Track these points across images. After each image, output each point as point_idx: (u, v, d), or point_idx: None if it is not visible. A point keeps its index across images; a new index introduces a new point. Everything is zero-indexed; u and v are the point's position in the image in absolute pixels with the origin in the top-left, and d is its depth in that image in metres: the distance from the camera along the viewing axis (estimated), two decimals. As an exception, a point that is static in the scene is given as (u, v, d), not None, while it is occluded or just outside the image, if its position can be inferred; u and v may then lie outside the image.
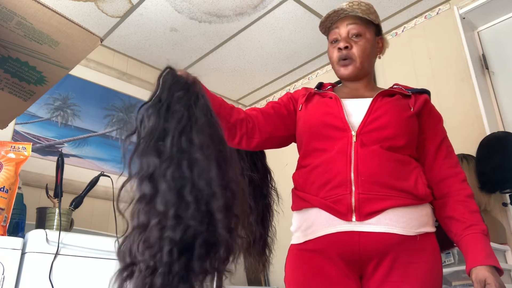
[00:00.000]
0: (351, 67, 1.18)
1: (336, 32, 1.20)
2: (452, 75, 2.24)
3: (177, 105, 0.83)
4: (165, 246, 0.69)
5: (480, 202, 1.79)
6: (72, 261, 1.36)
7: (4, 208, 1.26)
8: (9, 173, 1.29)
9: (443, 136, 1.21)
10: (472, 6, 2.19)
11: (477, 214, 1.08)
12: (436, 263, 1.06)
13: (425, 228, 1.05)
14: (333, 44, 1.22)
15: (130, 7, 2.35)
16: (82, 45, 1.27)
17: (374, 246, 1.02)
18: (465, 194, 1.10)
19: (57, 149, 2.33)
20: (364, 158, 1.07)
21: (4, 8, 1.12)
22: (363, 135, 1.09)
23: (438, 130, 1.21)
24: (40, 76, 1.35)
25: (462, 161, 1.87)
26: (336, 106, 1.15)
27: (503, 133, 1.91)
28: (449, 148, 1.19)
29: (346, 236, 1.03)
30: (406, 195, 1.05)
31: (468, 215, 1.06)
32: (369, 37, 1.20)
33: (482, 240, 1.03)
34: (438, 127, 1.22)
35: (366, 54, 1.19)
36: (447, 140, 1.22)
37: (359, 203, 1.02)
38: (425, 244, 1.05)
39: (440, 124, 1.23)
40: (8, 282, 1.23)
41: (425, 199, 1.08)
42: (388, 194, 1.04)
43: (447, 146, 1.20)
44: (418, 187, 1.06)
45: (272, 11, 2.40)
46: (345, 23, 1.19)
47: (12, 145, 1.34)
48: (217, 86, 3.23)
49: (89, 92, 2.58)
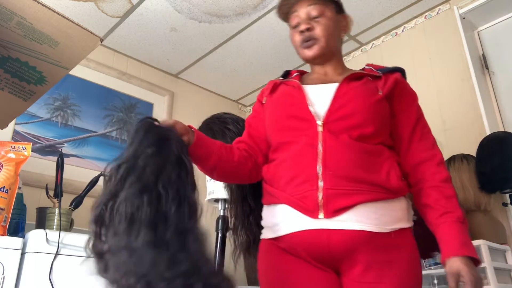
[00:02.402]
0: (316, 47, 1.14)
1: (296, 15, 1.16)
2: (452, 75, 2.24)
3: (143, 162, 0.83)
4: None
5: (480, 202, 1.79)
6: (72, 261, 1.36)
7: (4, 208, 1.26)
8: (9, 173, 1.29)
9: (417, 117, 1.11)
10: (472, 6, 2.19)
11: (452, 200, 1.01)
12: (413, 260, 1.00)
13: (400, 223, 1.00)
14: (295, 29, 1.17)
15: (130, 7, 2.35)
16: (82, 45, 1.27)
17: (344, 244, 0.96)
18: (439, 179, 1.03)
19: (57, 149, 2.33)
20: (332, 151, 1.01)
21: (4, 8, 1.12)
22: (330, 125, 1.02)
23: (412, 111, 1.12)
24: (40, 76, 1.35)
25: (462, 161, 1.87)
26: (298, 95, 1.09)
27: (503, 133, 1.91)
28: (424, 129, 1.11)
29: (314, 234, 0.97)
30: (378, 189, 0.98)
31: (443, 202, 1.00)
32: (330, 15, 1.15)
33: (457, 228, 0.97)
34: (411, 108, 1.12)
35: (330, 33, 1.14)
36: (422, 121, 1.12)
37: (326, 199, 0.96)
38: (401, 241, 0.99)
39: (414, 105, 1.13)
40: (8, 282, 1.23)
41: (399, 192, 1.01)
42: (357, 189, 0.97)
43: (422, 127, 1.11)
44: (390, 180, 1.00)
45: (272, 11, 2.39)
46: (304, 5, 1.15)
47: (12, 145, 1.34)
48: (217, 86, 3.23)
49: (89, 92, 2.58)
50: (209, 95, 3.30)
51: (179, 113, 3.02)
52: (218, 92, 3.34)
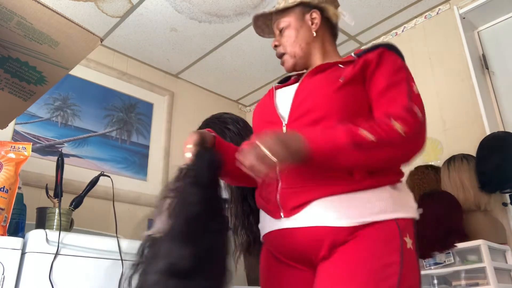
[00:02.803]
0: (286, 61, 1.16)
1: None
2: (452, 75, 2.24)
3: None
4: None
5: (480, 202, 1.80)
6: (72, 261, 1.35)
7: (4, 208, 1.26)
8: (9, 173, 1.29)
9: (388, 83, 0.97)
10: (472, 6, 2.19)
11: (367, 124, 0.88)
12: (377, 251, 0.88)
13: (371, 217, 0.90)
14: None
15: (130, 7, 2.35)
16: (82, 45, 1.27)
17: (308, 242, 0.94)
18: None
19: (57, 149, 2.33)
20: None
21: (4, 8, 1.12)
22: (292, 124, 1.00)
23: (381, 78, 0.99)
24: (40, 76, 1.35)
25: (462, 161, 1.87)
26: (269, 99, 1.11)
27: (503, 133, 1.91)
28: (398, 96, 0.95)
29: (279, 234, 0.97)
30: (339, 182, 0.92)
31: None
32: (293, 23, 1.15)
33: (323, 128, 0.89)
34: (383, 76, 0.99)
35: (292, 42, 1.14)
36: (399, 88, 0.97)
37: (283, 199, 0.96)
38: (370, 231, 0.89)
39: (387, 72, 0.99)
40: (8, 282, 1.23)
41: (363, 181, 0.92)
42: (314, 184, 0.93)
43: (395, 94, 0.96)
44: (353, 171, 0.92)
45: (272, 11, 2.40)
46: (274, 22, 1.19)
47: (12, 145, 1.34)
48: (217, 86, 3.23)
49: (89, 92, 2.58)
50: (209, 95, 3.30)
51: (179, 113, 3.02)
52: (218, 92, 3.34)
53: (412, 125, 0.89)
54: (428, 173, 1.96)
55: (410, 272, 0.89)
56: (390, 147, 0.89)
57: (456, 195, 1.80)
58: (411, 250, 0.91)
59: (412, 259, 0.91)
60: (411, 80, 0.99)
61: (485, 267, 1.55)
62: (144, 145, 2.75)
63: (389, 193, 0.93)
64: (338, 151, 0.86)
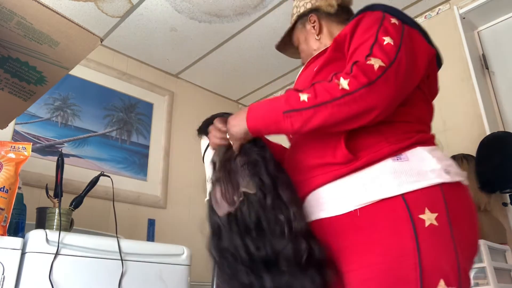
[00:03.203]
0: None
1: None
2: (452, 75, 2.24)
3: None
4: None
5: (480, 202, 1.80)
6: (72, 261, 1.36)
7: (4, 208, 1.26)
8: (9, 173, 1.29)
9: (356, 46, 0.88)
10: (472, 6, 2.19)
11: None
12: (390, 240, 0.77)
13: (371, 196, 0.80)
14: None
15: (130, 7, 2.35)
16: (82, 45, 1.27)
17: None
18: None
19: (57, 149, 2.33)
20: (291, 149, 1.01)
21: (4, 8, 1.12)
22: None
23: (350, 53, 0.89)
24: (40, 76, 1.35)
25: (462, 161, 1.87)
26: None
27: (503, 133, 1.91)
28: (354, 56, 0.86)
29: None
30: (327, 169, 0.87)
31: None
32: (300, 37, 1.24)
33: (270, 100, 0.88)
34: (352, 48, 0.89)
35: (308, 53, 1.20)
36: (360, 48, 0.86)
37: None
38: (372, 215, 0.80)
39: (357, 41, 0.89)
40: (8, 282, 1.23)
41: (348, 161, 0.84)
42: (305, 179, 0.91)
43: (355, 55, 0.86)
44: (336, 153, 0.86)
45: (272, 11, 2.40)
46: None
47: (12, 145, 1.34)
48: (217, 86, 3.23)
49: (89, 92, 2.58)
50: (209, 95, 3.30)
51: (179, 113, 3.02)
52: (218, 92, 3.34)
53: (359, 79, 0.78)
54: (428, 173, 1.96)
55: (437, 253, 0.75)
56: (328, 106, 0.79)
57: (456, 195, 1.80)
58: (433, 226, 0.76)
59: (437, 237, 0.76)
60: (382, 33, 0.86)
61: (485, 267, 1.55)
62: (144, 145, 2.75)
63: (389, 167, 0.82)
64: (276, 119, 0.84)
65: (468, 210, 0.84)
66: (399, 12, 0.94)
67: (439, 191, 0.79)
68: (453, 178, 0.82)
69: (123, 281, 1.43)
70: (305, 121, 0.80)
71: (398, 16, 0.93)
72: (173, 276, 1.57)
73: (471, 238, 0.83)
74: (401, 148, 0.83)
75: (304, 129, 0.81)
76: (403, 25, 0.90)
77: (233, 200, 0.87)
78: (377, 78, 0.78)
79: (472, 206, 0.86)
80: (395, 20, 0.90)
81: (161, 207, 2.68)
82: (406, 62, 0.83)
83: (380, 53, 0.81)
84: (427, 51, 0.92)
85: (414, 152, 0.84)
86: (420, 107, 0.92)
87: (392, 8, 0.95)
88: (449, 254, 0.76)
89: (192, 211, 2.81)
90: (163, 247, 1.63)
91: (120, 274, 1.43)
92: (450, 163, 0.85)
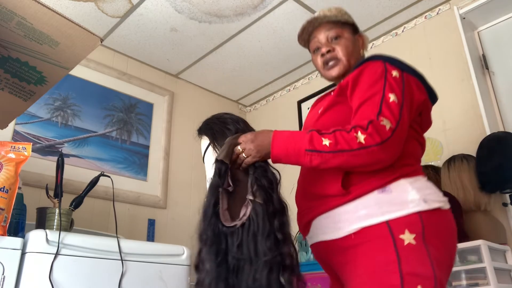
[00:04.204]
0: (338, 67, 1.20)
1: (316, 41, 1.24)
2: (452, 75, 2.24)
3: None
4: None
5: (480, 202, 1.80)
6: (72, 261, 1.36)
7: (4, 208, 1.26)
8: (9, 173, 1.29)
9: (361, 101, 1.01)
10: (472, 6, 2.19)
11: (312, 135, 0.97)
12: (372, 257, 0.94)
13: (361, 222, 0.96)
14: (316, 53, 1.25)
15: (130, 7, 2.35)
16: (82, 45, 1.27)
17: (319, 256, 1.12)
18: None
19: (57, 149, 2.33)
20: (300, 178, 1.16)
21: (4, 8, 1.12)
22: None
23: (355, 97, 1.04)
24: (40, 76, 1.35)
25: (462, 161, 1.87)
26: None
27: (503, 133, 1.91)
28: (366, 108, 1.00)
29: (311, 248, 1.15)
30: (326, 200, 1.03)
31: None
32: (348, 36, 1.22)
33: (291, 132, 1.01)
34: (357, 93, 1.04)
35: (349, 52, 1.20)
36: (373, 99, 1.00)
37: (299, 221, 1.13)
38: (362, 239, 0.96)
39: (363, 94, 1.02)
40: (8, 282, 1.23)
41: (342, 195, 1.00)
42: (311, 206, 1.07)
43: (363, 109, 1.00)
44: (331, 187, 1.01)
45: (272, 11, 2.40)
46: (322, 30, 1.23)
47: (12, 145, 1.34)
48: (217, 86, 3.23)
49: (89, 92, 2.58)
50: (209, 95, 3.30)
51: (179, 113, 3.02)
52: (218, 92, 3.34)
53: (374, 137, 0.93)
54: (428, 173, 1.96)
55: (415, 263, 0.90)
56: (344, 155, 0.94)
57: (456, 195, 1.80)
58: (411, 245, 0.91)
59: (415, 253, 0.91)
60: (388, 90, 1.00)
61: (485, 267, 1.55)
62: (144, 145, 2.75)
63: (374, 198, 0.98)
64: (297, 153, 0.97)
65: (444, 233, 0.98)
66: (397, 61, 1.09)
67: (417, 217, 0.94)
68: (430, 205, 0.96)
69: (123, 281, 1.43)
70: (323, 161, 0.95)
71: (397, 65, 1.07)
72: (173, 276, 1.57)
73: (446, 255, 0.97)
74: (386, 182, 0.98)
75: (321, 167, 0.96)
76: (402, 74, 1.05)
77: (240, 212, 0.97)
78: (388, 138, 0.94)
79: (450, 227, 1.00)
80: (396, 72, 1.04)
81: (161, 207, 2.68)
82: (407, 117, 1.00)
83: (388, 113, 0.96)
84: (422, 96, 1.08)
85: (397, 184, 0.98)
86: (409, 143, 1.04)
87: (391, 58, 1.10)
88: (426, 266, 0.90)
89: (192, 211, 2.81)
90: (163, 247, 1.63)
91: (120, 274, 1.43)
92: (429, 192, 0.99)
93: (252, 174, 1.01)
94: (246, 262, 0.92)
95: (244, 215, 0.95)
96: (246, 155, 1.01)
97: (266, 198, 0.97)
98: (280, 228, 0.94)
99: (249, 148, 1.00)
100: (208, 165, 1.26)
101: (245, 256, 0.92)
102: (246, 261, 0.92)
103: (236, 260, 0.93)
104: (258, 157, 1.01)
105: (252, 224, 0.94)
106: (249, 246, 0.92)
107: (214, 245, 0.95)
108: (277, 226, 0.94)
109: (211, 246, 0.95)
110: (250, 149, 1.00)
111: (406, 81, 1.04)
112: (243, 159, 1.01)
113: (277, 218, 0.95)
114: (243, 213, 0.96)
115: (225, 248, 0.95)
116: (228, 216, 0.97)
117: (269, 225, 0.93)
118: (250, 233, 0.93)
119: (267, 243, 0.91)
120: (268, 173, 1.02)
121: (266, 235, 0.92)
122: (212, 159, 1.22)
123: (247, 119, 1.56)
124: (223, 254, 0.94)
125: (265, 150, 1.00)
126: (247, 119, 1.56)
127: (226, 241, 0.95)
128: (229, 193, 1.00)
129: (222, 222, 0.96)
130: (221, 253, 0.94)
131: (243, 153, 1.01)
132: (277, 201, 0.98)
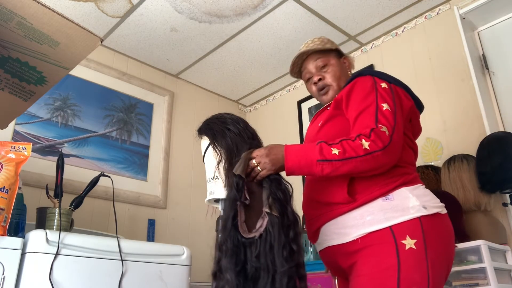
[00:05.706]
0: (330, 92, 1.33)
1: (307, 71, 1.37)
2: (452, 75, 2.24)
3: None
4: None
5: (480, 202, 1.80)
6: (72, 261, 1.36)
7: (4, 208, 1.26)
8: (9, 173, 1.29)
9: (358, 113, 1.13)
10: (472, 6, 2.19)
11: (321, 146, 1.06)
12: (376, 259, 1.02)
13: (368, 228, 1.04)
14: (308, 82, 1.39)
15: (130, 7, 2.35)
16: (82, 45, 1.27)
17: (328, 260, 1.19)
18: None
19: (57, 149, 2.33)
20: (306, 188, 1.23)
21: (4, 8, 1.12)
22: None
23: (350, 110, 1.16)
24: (40, 76, 1.35)
25: (462, 161, 1.87)
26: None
27: (503, 133, 1.91)
28: (363, 120, 1.10)
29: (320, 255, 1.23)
30: (333, 208, 1.11)
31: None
32: (334, 62, 1.35)
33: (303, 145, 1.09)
34: (351, 106, 1.16)
35: (338, 76, 1.33)
36: (368, 111, 1.11)
37: (308, 228, 1.21)
38: (368, 243, 1.04)
39: (355, 101, 1.16)
40: (8, 282, 1.23)
41: (348, 202, 1.08)
42: (319, 214, 1.15)
43: (362, 118, 1.11)
44: (337, 195, 1.10)
45: (272, 11, 2.40)
46: (310, 61, 1.36)
47: (12, 145, 1.34)
48: (217, 86, 3.23)
49: (89, 92, 2.58)
50: (209, 95, 3.30)
51: (179, 113, 3.02)
52: (218, 92, 3.34)
53: (377, 143, 1.03)
54: (428, 173, 1.96)
55: (412, 269, 0.98)
56: (353, 161, 1.03)
57: (456, 195, 1.80)
58: (412, 249, 0.99)
59: (414, 257, 0.99)
60: (381, 100, 1.12)
61: (485, 267, 1.55)
62: (144, 145, 2.75)
63: (379, 205, 1.06)
64: (310, 164, 1.04)
65: (442, 236, 1.05)
66: (384, 74, 1.22)
67: (418, 223, 1.02)
68: (429, 211, 1.04)
69: (123, 281, 1.43)
70: (334, 169, 1.03)
71: (385, 78, 1.20)
72: (173, 276, 1.57)
73: (445, 257, 1.05)
74: (388, 190, 1.07)
75: (331, 174, 1.04)
76: (390, 86, 1.18)
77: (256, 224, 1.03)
78: (389, 143, 1.04)
79: (447, 230, 1.08)
80: (385, 84, 1.17)
81: (161, 207, 2.68)
82: (401, 122, 1.11)
83: (384, 120, 1.07)
84: (410, 103, 1.20)
85: (398, 192, 1.07)
86: (405, 152, 1.15)
87: (378, 72, 1.24)
88: (422, 271, 0.98)
89: (192, 211, 2.81)
90: (163, 247, 1.63)
91: (120, 274, 1.43)
92: (428, 199, 1.08)
93: (268, 187, 1.07)
94: (264, 271, 0.98)
95: (260, 227, 1.01)
96: (262, 168, 1.07)
97: (281, 211, 1.03)
98: (295, 239, 1.01)
99: (264, 161, 1.06)
100: (208, 165, 1.26)
101: (263, 266, 0.98)
102: (264, 270, 0.98)
103: (255, 269, 0.99)
104: (273, 170, 1.07)
105: (269, 235, 1.00)
106: (267, 256, 0.98)
107: (234, 256, 1.00)
108: (292, 237, 1.00)
109: (231, 256, 1.00)
110: (266, 163, 1.06)
111: (394, 91, 1.16)
112: (258, 172, 1.07)
113: (291, 230, 1.02)
114: (260, 224, 1.02)
115: (244, 258, 1.00)
116: (245, 228, 1.02)
117: (285, 236, 1.00)
118: (268, 244, 0.99)
119: (283, 253, 0.97)
120: (282, 185, 1.08)
121: (282, 246, 0.98)
122: (212, 159, 1.22)
123: (247, 119, 1.56)
124: (242, 263, 1.00)
125: (280, 163, 1.06)
126: (247, 119, 1.56)
127: (245, 252, 1.01)
128: (245, 205, 1.05)
129: (241, 233, 1.01)
130: (240, 263, 1.00)
131: (259, 167, 1.07)
132: (291, 214, 1.04)
